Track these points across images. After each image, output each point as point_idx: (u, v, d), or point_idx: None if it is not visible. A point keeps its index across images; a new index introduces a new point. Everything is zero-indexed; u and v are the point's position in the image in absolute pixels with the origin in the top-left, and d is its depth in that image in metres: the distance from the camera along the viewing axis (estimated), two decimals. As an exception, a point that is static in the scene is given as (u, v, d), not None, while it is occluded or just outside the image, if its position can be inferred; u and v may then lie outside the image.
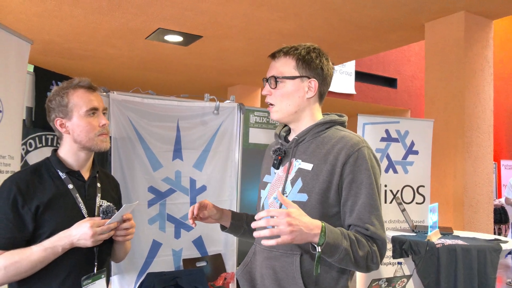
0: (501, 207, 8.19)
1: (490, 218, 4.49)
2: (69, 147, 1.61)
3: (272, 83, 1.49)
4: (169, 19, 4.88)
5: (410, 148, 4.07)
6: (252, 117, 3.57)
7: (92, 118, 1.60)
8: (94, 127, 1.59)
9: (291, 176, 1.47)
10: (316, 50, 1.50)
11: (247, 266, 1.57)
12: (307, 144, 1.49)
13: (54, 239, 1.46)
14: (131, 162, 2.95)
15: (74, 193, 1.57)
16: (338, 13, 4.57)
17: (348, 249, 1.30)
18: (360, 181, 1.38)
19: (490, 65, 4.57)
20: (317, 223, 1.28)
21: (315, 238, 1.26)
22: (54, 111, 1.59)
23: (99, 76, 7.73)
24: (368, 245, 1.35)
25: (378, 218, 1.38)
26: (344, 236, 1.32)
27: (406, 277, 2.49)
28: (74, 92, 1.59)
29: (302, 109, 1.50)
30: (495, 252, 2.74)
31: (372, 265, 1.37)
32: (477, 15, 4.45)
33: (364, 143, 1.44)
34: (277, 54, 1.51)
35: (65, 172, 1.58)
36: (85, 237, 1.46)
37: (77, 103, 1.58)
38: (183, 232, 3.15)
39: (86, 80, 1.63)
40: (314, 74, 1.48)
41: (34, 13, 4.76)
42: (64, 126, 1.59)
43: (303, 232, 1.24)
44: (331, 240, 1.28)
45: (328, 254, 1.30)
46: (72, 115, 1.58)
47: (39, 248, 1.44)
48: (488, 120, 4.51)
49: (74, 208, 1.55)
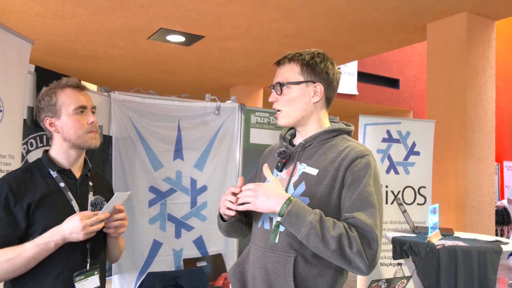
0: (504, 208, 8.17)
1: (492, 219, 4.48)
2: (59, 146, 1.62)
3: (278, 90, 1.50)
4: (171, 19, 4.89)
5: (411, 149, 4.06)
6: (253, 118, 3.57)
7: (81, 116, 1.61)
8: (82, 125, 1.61)
9: (294, 179, 1.47)
10: (320, 55, 1.50)
11: (240, 266, 1.57)
12: (314, 150, 1.49)
13: (46, 235, 1.47)
14: (132, 162, 2.96)
15: (65, 191, 1.58)
16: (341, 14, 4.57)
17: (315, 223, 1.28)
18: (358, 183, 1.39)
19: (492, 66, 4.56)
20: (283, 194, 1.34)
21: (277, 207, 1.32)
22: (43, 111, 1.62)
23: (100, 76, 7.75)
24: (344, 228, 1.31)
25: (370, 212, 1.35)
26: (314, 213, 1.32)
27: (406, 278, 2.49)
28: (62, 92, 1.62)
29: (309, 114, 1.51)
30: (496, 253, 2.73)
31: (350, 251, 1.28)
32: (479, 15, 4.44)
33: (370, 153, 1.46)
34: (282, 61, 1.52)
35: (56, 171, 1.59)
36: (76, 230, 1.47)
37: (65, 102, 1.60)
38: (183, 232, 3.16)
39: (74, 79, 1.65)
40: (319, 78, 1.49)
41: (36, 13, 4.78)
42: (54, 125, 1.61)
43: (266, 201, 1.33)
44: (295, 210, 1.31)
45: (294, 227, 1.31)
46: (61, 114, 1.60)
47: (32, 245, 1.46)
48: (490, 121, 4.50)
49: (66, 205, 1.57)
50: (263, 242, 1.48)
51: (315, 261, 1.40)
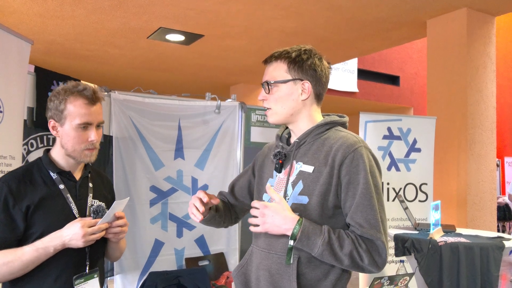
0: (505, 204, 8.16)
1: (494, 215, 4.47)
2: (59, 150, 1.60)
3: (266, 88, 1.50)
4: (170, 18, 4.88)
5: (412, 146, 4.05)
6: (253, 116, 3.57)
7: (83, 132, 1.56)
8: (82, 141, 1.56)
9: (292, 178, 1.47)
10: (307, 52, 1.49)
11: (243, 267, 1.56)
12: (308, 147, 1.49)
13: (46, 240, 1.46)
14: (133, 161, 2.96)
15: (65, 194, 1.56)
16: (340, 11, 4.56)
17: (327, 246, 1.33)
18: (356, 182, 1.38)
19: (492, 62, 4.54)
20: (292, 218, 1.35)
21: (288, 231, 1.35)
22: (50, 111, 1.58)
23: (100, 75, 7.74)
24: (353, 245, 1.35)
25: (372, 218, 1.37)
26: (324, 232, 1.35)
27: (409, 275, 2.48)
28: (73, 101, 1.54)
29: (298, 111, 1.50)
30: (498, 249, 2.72)
31: (363, 265, 1.35)
32: (479, 11, 4.43)
33: (361, 143, 1.43)
34: (269, 59, 1.52)
35: (56, 173, 1.57)
36: (76, 237, 1.46)
37: (72, 113, 1.54)
38: (185, 231, 3.16)
39: (90, 90, 1.57)
40: (307, 75, 1.48)
41: (36, 14, 4.77)
42: (55, 130, 1.58)
43: (275, 225, 1.36)
44: (306, 233, 1.34)
45: (307, 248, 1.35)
46: (65, 123, 1.55)
47: (31, 249, 1.45)
48: (491, 117, 4.49)
49: (65, 208, 1.55)
50: (266, 244, 1.48)
51: (318, 262, 1.40)
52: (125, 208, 2.90)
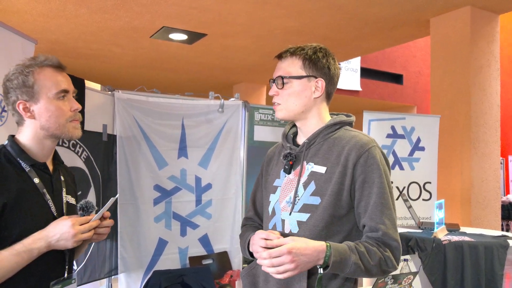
0: (509, 203, 8.14)
1: (498, 214, 4.46)
2: (34, 134, 1.37)
3: (279, 84, 1.48)
4: (173, 17, 4.88)
5: (416, 145, 4.05)
6: (257, 115, 3.57)
7: (62, 102, 1.37)
8: (64, 112, 1.37)
9: (303, 179, 1.45)
10: (322, 50, 1.49)
11: (253, 269, 1.56)
12: (318, 147, 1.48)
13: (27, 242, 1.25)
14: (137, 160, 2.96)
15: (41, 189, 1.35)
16: (343, 10, 4.55)
17: (358, 262, 1.31)
18: (372, 181, 1.38)
19: (496, 60, 4.53)
20: (320, 248, 1.29)
21: (320, 262, 1.30)
22: (14, 92, 1.34)
23: (104, 75, 7.76)
24: (379, 252, 1.35)
25: (389, 218, 1.39)
26: (351, 250, 1.32)
27: (413, 274, 2.48)
28: (41, 71, 1.36)
29: (309, 108, 1.49)
30: (502, 248, 2.72)
31: (388, 269, 1.37)
32: (483, 9, 4.41)
33: (374, 143, 1.44)
34: (284, 55, 1.50)
35: (29, 165, 1.35)
36: (66, 237, 1.27)
37: (45, 84, 1.35)
38: (189, 230, 3.16)
39: (54, 57, 1.40)
40: (321, 73, 1.47)
41: (39, 13, 4.79)
42: (29, 111, 1.35)
43: (307, 262, 1.28)
44: (338, 259, 1.30)
45: (339, 270, 1.32)
46: (39, 98, 1.34)
47: (10, 253, 1.22)
48: (495, 115, 4.48)
49: (44, 206, 1.34)
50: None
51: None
52: (129, 207, 2.94)
